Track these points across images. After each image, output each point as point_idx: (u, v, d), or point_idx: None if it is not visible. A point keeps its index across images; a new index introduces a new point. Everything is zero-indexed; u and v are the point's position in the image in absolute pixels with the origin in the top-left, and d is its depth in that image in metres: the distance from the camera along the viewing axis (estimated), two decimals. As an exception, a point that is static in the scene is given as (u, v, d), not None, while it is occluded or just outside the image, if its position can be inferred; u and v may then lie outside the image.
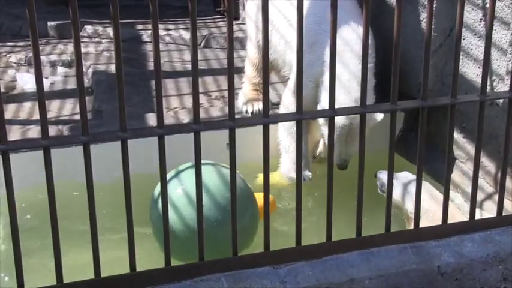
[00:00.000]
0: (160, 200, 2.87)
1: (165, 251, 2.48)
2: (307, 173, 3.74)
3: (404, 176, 3.39)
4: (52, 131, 3.67)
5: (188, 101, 4.34)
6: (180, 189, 3.04)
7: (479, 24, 3.41)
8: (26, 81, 4.80)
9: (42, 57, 4.99)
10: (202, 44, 5.62)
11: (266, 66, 2.41)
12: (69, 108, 4.33)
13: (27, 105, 4.37)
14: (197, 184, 2.44)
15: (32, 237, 3.19)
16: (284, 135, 3.82)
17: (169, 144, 2.41)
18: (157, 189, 3.08)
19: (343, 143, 3.53)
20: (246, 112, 4.15)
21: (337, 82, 3.37)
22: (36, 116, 4.04)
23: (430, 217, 3.14)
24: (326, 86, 3.47)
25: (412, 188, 3.16)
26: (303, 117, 2.51)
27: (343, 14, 2.50)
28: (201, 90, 2.75)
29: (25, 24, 5.70)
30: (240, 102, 4.18)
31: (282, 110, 3.85)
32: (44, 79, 2.29)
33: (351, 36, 3.51)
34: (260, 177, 3.70)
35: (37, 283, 2.37)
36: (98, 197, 2.34)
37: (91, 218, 2.35)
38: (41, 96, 2.20)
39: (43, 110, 2.21)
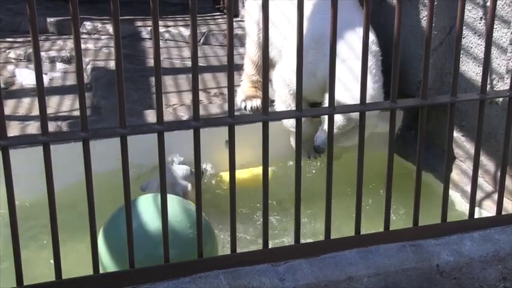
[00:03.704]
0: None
1: (164, 249, 2.48)
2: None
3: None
4: (51, 127, 3.67)
5: (187, 97, 4.34)
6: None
7: (479, 23, 3.41)
8: (25, 77, 4.80)
9: (42, 53, 4.97)
10: (201, 41, 5.61)
11: (266, 64, 2.41)
12: (68, 104, 4.33)
13: (26, 101, 4.36)
14: (197, 182, 2.44)
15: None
16: (280, 86, 3.82)
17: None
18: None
19: (338, 136, 3.53)
20: (245, 109, 4.15)
21: (339, 83, 3.41)
22: (35, 112, 4.05)
23: None
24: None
25: None
26: (302, 115, 2.51)
27: (348, 14, 2.50)
28: (200, 87, 2.76)
29: (24, 20, 5.70)
30: (238, 99, 4.18)
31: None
32: (43, 75, 2.28)
33: (353, 37, 3.51)
34: (225, 176, 3.70)
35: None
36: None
37: (90, 215, 2.35)
38: (40, 92, 2.19)
39: (43, 106, 2.20)
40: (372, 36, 3.58)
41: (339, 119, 3.46)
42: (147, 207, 2.84)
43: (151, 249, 2.66)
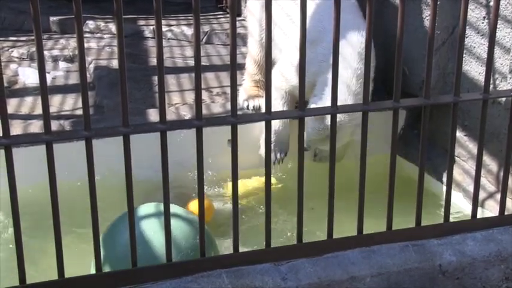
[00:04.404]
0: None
1: (167, 247, 2.48)
2: (280, 155, 3.85)
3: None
4: (54, 125, 3.67)
5: (189, 96, 4.34)
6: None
7: (482, 23, 3.40)
8: (28, 75, 4.80)
9: (44, 52, 4.95)
10: (204, 40, 5.61)
11: (269, 64, 2.41)
12: (70, 103, 4.33)
13: (29, 99, 4.37)
14: (199, 182, 2.44)
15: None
16: (277, 79, 3.78)
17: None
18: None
19: (320, 138, 3.54)
20: (247, 108, 4.15)
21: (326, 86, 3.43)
22: (38, 111, 4.05)
23: None
24: (323, 84, 3.48)
25: None
26: (305, 115, 2.51)
27: (344, 15, 2.51)
28: (202, 86, 2.76)
29: (27, 19, 5.70)
30: (240, 98, 4.18)
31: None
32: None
33: (353, 38, 3.51)
34: (228, 187, 3.70)
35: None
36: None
37: (93, 214, 2.35)
38: (44, 91, 2.19)
39: (46, 105, 2.20)
40: (364, 41, 3.54)
41: (311, 129, 3.48)
42: (147, 220, 2.82)
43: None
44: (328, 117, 3.40)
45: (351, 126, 3.44)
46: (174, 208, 2.73)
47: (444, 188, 2.84)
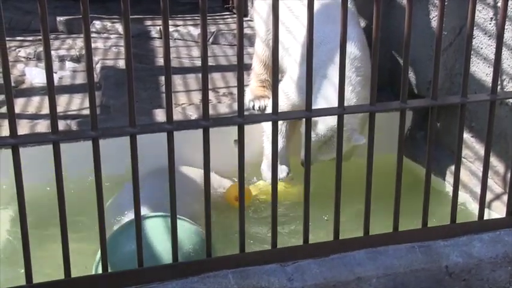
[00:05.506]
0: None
1: (173, 248, 2.48)
2: (285, 170, 3.81)
3: None
4: (60, 125, 3.68)
5: (196, 97, 4.35)
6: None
7: (490, 23, 3.39)
8: (34, 75, 4.82)
9: (51, 52, 4.99)
10: (210, 41, 5.61)
11: (276, 64, 2.41)
12: (77, 103, 4.34)
13: (35, 99, 4.38)
14: (205, 181, 2.44)
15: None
16: (265, 139, 3.83)
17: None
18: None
19: (316, 148, 3.52)
20: (253, 108, 4.15)
21: (331, 85, 3.42)
22: (45, 111, 4.07)
23: None
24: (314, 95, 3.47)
25: None
26: (311, 115, 2.51)
27: (336, 25, 2.50)
28: (209, 86, 2.77)
29: (34, 19, 5.72)
30: (246, 98, 4.18)
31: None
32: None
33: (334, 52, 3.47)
34: (260, 184, 3.70)
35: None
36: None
37: (99, 214, 2.35)
38: (50, 91, 2.20)
39: (53, 105, 2.21)
40: (355, 51, 3.53)
41: (320, 129, 3.47)
42: (149, 225, 2.81)
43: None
44: (317, 126, 3.44)
45: (346, 130, 3.39)
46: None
47: (451, 189, 2.83)
